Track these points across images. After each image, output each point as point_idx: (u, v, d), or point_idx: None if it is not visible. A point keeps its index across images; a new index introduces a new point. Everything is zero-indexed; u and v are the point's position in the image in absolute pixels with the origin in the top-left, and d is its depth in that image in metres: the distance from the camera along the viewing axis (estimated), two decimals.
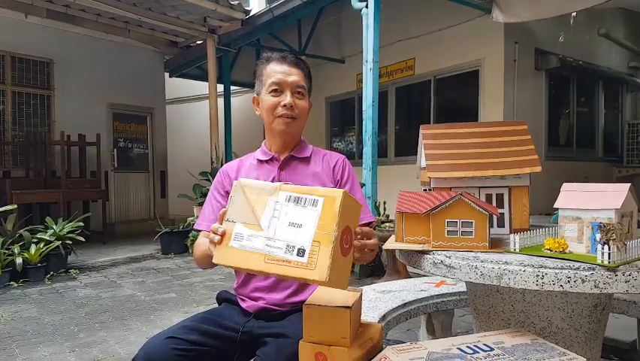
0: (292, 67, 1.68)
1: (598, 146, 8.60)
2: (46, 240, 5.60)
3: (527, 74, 7.03)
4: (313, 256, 1.12)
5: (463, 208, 1.43)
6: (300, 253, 1.13)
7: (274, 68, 1.67)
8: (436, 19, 7.39)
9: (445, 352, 1.21)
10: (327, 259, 1.10)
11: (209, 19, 7.80)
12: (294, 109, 1.65)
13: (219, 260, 1.24)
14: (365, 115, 5.51)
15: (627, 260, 1.23)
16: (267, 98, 1.67)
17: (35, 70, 8.35)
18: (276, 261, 1.15)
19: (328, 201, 1.16)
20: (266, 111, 1.68)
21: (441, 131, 1.82)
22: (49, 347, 3.35)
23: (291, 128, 1.69)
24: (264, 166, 1.74)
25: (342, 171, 1.74)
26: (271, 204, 1.21)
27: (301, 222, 1.16)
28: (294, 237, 1.16)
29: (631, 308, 2.29)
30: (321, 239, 1.13)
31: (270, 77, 1.67)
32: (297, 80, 1.67)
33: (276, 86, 1.65)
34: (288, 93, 1.65)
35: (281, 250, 1.15)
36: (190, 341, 1.45)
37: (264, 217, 1.20)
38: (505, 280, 1.27)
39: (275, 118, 1.67)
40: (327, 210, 1.15)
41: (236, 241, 1.21)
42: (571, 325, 1.54)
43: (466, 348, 1.23)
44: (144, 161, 10.20)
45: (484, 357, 1.19)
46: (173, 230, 7.19)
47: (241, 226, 1.22)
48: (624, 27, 8.73)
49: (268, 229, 1.19)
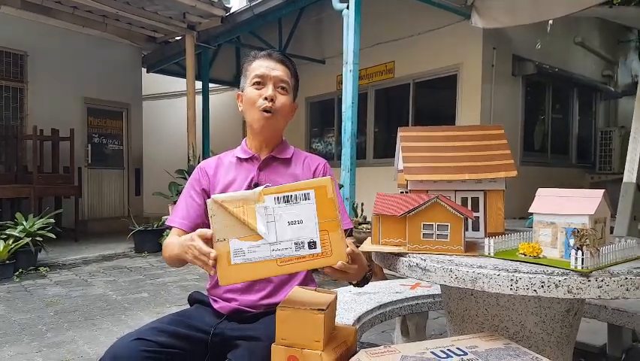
0: (277, 63, 1.66)
1: (572, 152, 8.76)
2: (16, 236, 5.46)
3: (504, 80, 7.12)
4: (325, 243, 1.17)
5: (439, 211, 1.43)
6: (312, 245, 1.17)
7: (259, 63, 1.65)
8: (416, 23, 7.44)
9: (419, 356, 1.20)
10: (341, 243, 1.18)
11: (189, 15, 7.71)
12: (275, 102, 1.61)
13: (228, 281, 1.24)
14: (344, 116, 5.51)
15: (600, 266, 1.24)
16: (249, 91, 1.64)
17: (8, 62, 8.13)
18: (289, 262, 1.18)
19: (320, 191, 1.19)
20: (247, 104, 1.65)
21: (418, 134, 1.82)
22: (15, 347, 3.25)
23: (270, 123, 1.64)
24: (242, 165, 1.70)
25: (322, 175, 1.70)
26: (261, 211, 1.20)
27: (301, 218, 1.18)
28: (299, 233, 1.18)
29: (602, 313, 2.32)
30: (327, 227, 1.18)
31: (254, 70, 1.64)
32: (281, 75, 1.64)
33: (259, 78, 1.62)
34: (271, 86, 1.62)
35: (291, 250, 1.18)
36: (159, 343, 1.41)
37: (259, 225, 1.19)
38: (479, 284, 1.27)
39: (255, 111, 1.62)
40: (321, 197, 1.19)
41: (238, 257, 1.20)
42: (544, 329, 1.55)
43: (440, 352, 1.23)
44: (119, 157, 10.02)
45: None
46: (147, 228, 7.09)
47: (237, 241, 1.20)
48: (599, 36, 8.92)
49: (268, 235, 1.19)
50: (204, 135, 9.07)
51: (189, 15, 7.70)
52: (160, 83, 11.53)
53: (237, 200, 1.22)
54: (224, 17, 7.74)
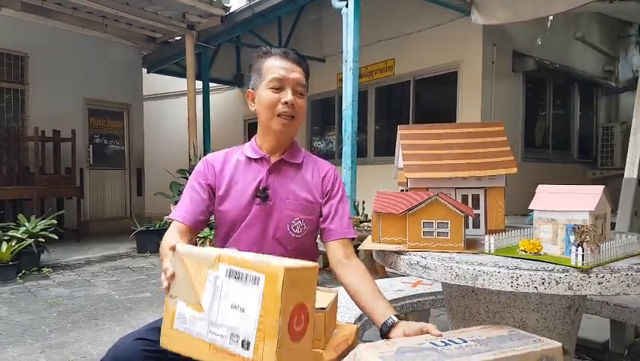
0: (294, 64, 1.61)
1: (573, 148, 8.75)
2: (19, 237, 5.47)
3: (505, 76, 7.11)
4: (258, 350, 0.95)
5: (439, 209, 1.43)
6: (245, 345, 0.97)
7: (275, 63, 1.59)
8: (416, 20, 7.43)
9: (417, 346, 1.17)
10: (272, 356, 0.93)
11: (188, 15, 7.70)
12: (295, 107, 1.57)
13: (167, 345, 1.12)
14: (345, 115, 5.51)
15: (600, 262, 1.24)
16: (265, 94, 1.58)
17: (9, 64, 8.13)
18: (221, 353, 1.00)
19: (270, 279, 0.95)
20: (264, 107, 1.59)
21: (418, 131, 1.82)
22: (18, 348, 3.26)
23: (289, 129, 1.60)
24: (251, 165, 1.66)
25: (332, 183, 1.69)
26: (211, 279, 1.04)
27: (244, 305, 0.98)
28: (237, 322, 0.99)
29: (604, 309, 2.32)
30: (265, 330, 0.95)
31: (271, 71, 1.58)
32: (299, 77, 1.60)
33: (278, 82, 1.57)
34: (289, 91, 1.57)
35: (225, 340, 1.00)
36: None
37: (205, 296, 1.05)
38: (480, 282, 1.27)
39: (274, 116, 1.58)
40: (269, 290, 0.95)
41: (180, 323, 1.09)
42: (545, 326, 1.55)
43: (439, 342, 1.18)
44: (120, 158, 10.02)
45: (455, 348, 1.13)
46: (149, 228, 7.09)
47: (183, 304, 1.09)
48: (599, 31, 8.89)
49: (210, 311, 1.03)
50: (205, 135, 9.08)
51: (189, 15, 7.69)
52: (160, 84, 11.53)
53: (196, 258, 1.09)
54: (224, 17, 7.73)
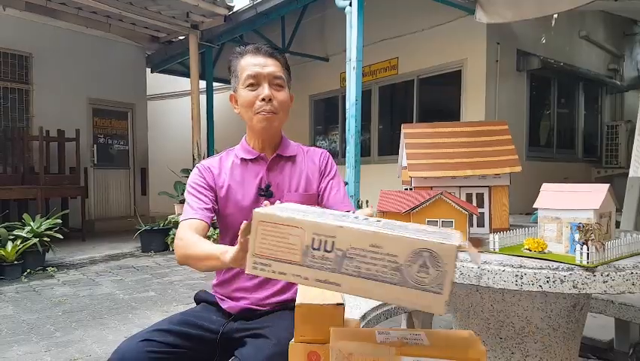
0: (268, 57, 1.59)
1: (578, 147, 8.72)
2: (24, 237, 5.49)
3: (509, 75, 7.10)
4: None
5: (444, 207, 1.43)
6: None
7: (249, 61, 1.58)
8: (420, 19, 7.42)
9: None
10: None
11: (192, 15, 7.72)
12: (273, 102, 1.56)
13: None
14: (348, 114, 5.50)
15: (605, 260, 1.24)
16: (243, 94, 1.57)
17: (14, 64, 8.17)
18: None
19: None
20: (244, 107, 1.59)
21: (422, 130, 1.82)
22: (24, 347, 3.28)
23: (272, 124, 1.59)
24: (248, 166, 1.65)
25: (326, 164, 1.70)
26: None
27: None
28: None
29: (609, 308, 2.31)
30: None
31: (245, 70, 1.57)
32: (274, 70, 1.57)
33: (252, 79, 1.55)
34: (266, 85, 1.55)
35: None
36: (166, 344, 1.41)
37: None
38: (484, 280, 1.27)
39: (254, 115, 1.57)
40: None
41: None
42: (550, 325, 1.55)
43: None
44: (124, 157, 10.05)
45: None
46: (154, 228, 7.11)
47: None
48: (604, 29, 8.86)
49: None
50: (209, 134, 9.09)
51: (192, 14, 7.70)
52: (164, 83, 11.57)
53: (368, 355, 0.99)
54: (227, 16, 7.74)
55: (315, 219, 0.91)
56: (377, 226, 0.89)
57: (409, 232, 0.87)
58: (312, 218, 0.91)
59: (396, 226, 0.91)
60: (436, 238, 0.84)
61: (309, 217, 0.91)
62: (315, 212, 0.96)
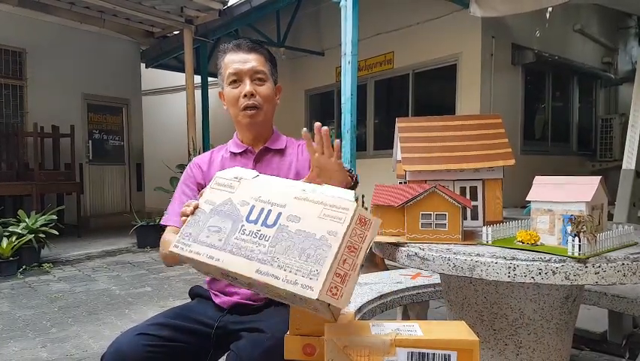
0: (248, 53, 1.62)
1: (572, 140, 8.75)
2: (19, 233, 5.49)
3: (504, 69, 7.10)
4: None
5: (437, 201, 1.44)
6: None
7: (231, 59, 1.62)
8: (415, 12, 7.41)
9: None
10: None
11: (186, 9, 7.68)
12: (256, 96, 1.59)
13: None
14: (344, 108, 5.49)
15: (597, 252, 1.25)
16: (228, 92, 1.62)
17: (7, 60, 8.11)
18: None
19: (464, 356, 0.94)
20: (229, 105, 1.64)
21: (416, 124, 1.82)
22: (20, 343, 3.28)
23: (257, 120, 1.63)
24: (237, 159, 1.69)
25: None
26: None
27: None
28: None
29: (602, 300, 2.33)
30: None
31: (227, 68, 1.61)
32: (255, 65, 1.60)
33: (234, 76, 1.60)
34: (247, 81, 1.59)
35: None
36: (162, 337, 1.42)
37: None
38: (477, 272, 1.28)
39: (239, 111, 1.61)
40: None
41: None
42: (542, 316, 1.56)
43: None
44: (120, 153, 10.02)
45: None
46: (149, 223, 7.10)
47: None
48: (598, 23, 8.86)
49: None
50: (204, 129, 9.06)
51: (187, 9, 7.67)
52: (159, 78, 11.51)
53: (364, 348, 1.01)
54: (222, 10, 7.70)
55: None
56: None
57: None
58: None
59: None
60: (301, 276, 0.93)
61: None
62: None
